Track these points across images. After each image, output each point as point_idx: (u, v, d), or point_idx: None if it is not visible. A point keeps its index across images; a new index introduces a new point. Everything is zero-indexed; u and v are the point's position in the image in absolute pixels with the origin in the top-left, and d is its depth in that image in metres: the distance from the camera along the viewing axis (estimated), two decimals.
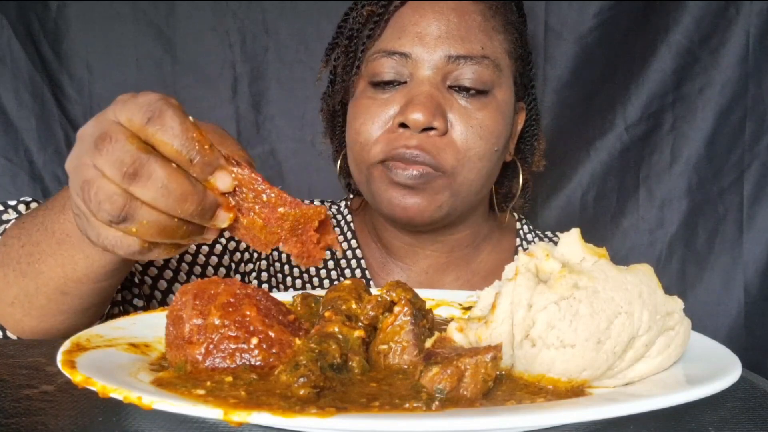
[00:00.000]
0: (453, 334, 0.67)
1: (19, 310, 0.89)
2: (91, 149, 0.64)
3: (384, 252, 1.34)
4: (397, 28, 1.17)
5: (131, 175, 0.62)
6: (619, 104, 1.77)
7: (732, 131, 1.75)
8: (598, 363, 0.61)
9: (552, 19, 1.73)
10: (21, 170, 1.75)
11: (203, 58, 1.78)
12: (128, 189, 0.63)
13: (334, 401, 0.55)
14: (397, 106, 1.15)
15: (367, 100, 1.18)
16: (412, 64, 1.14)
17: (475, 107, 1.15)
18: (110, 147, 0.62)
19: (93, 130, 0.65)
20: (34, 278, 0.86)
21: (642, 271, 0.65)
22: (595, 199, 1.81)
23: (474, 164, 1.16)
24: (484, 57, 1.15)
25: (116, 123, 0.65)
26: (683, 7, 1.72)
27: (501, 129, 1.19)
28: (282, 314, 0.66)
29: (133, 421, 0.58)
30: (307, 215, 0.67)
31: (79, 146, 0.67)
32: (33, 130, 1.74)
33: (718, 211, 1.78)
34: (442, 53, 1.14)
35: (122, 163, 0.62)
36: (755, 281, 1.77)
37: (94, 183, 0.63)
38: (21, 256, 0.86)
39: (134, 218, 0.64)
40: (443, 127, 1.13)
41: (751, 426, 0.59)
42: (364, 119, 1.17)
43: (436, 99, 1.13)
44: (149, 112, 0.63)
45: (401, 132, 1.13)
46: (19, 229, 0.89)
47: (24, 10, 1.72)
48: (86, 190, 0.64)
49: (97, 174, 0.63)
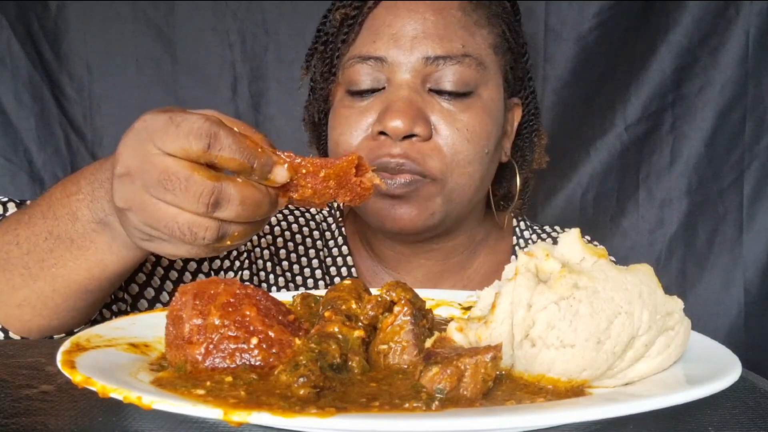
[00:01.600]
0: (453, 334, 0.67)
1: (29, 311, 0.89)
2: (157, 187, 0.69)
3: (375, 261, 1.28)
4: (371, 31, 1.11)
5: (214, 204, 0.69)
6: (619, 104, 1.77)
7: (732, 131, 1.76)
8: (598, 363, 0.61)
9: (552, 19, 1.73)
10: (20, 170, 1.75)
11: (203, 58, 1.78)
12: (213, 215, 0.70)
13: (334, 401, 0.55)
14: (376, 114, 1.09)
15: (345, 110, 1.13)
16: (389, 69, 1.09)
17: (458, 109, 1.09)
18: (183, 185, 0.68)
19: (141, 165, 0.70)
20: (50, 281, 0.87)
21: (642, 271, 0.65)
22: (594, 199, 1.81)
23: (463, 169, 1.10)
24: (466, 56, 1.09)
25: (172, 158, 0.69)
26: (683, 7, 1.72)
27: (489, 130, 1.12)
28: (282, 314, 0.66)
29: (132, 421, 0.58)
30: (343, 168, 0.75)
31: (125, 182, 0.72)
32: (32, 130, 1.74)
33: (718, 211, 1.78)
34: (419, 54, 1.08)
35: (202, 196, 0.68)
36: (755, 281, 1.77)
37: (179, 219, 0.70)
38: (29, 263, 0.87)
39: (227, 235, 0.73)
40: (426, 132, 1.07)
41: (751, 426, 0.59)
42: (342, 129, 1.12)
43: (416, 104, 1.07)
44: (205, 138, 0.68)
45: (382, 140, 1.07)
46: (13, 236, 0.89)
47: (24, 10, 1.72)
48: (173, 227, 0.70)
49: (177, 211, 0.70)
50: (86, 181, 0.85)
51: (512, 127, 1.26)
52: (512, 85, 1.22)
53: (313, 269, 1.27)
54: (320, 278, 1.26)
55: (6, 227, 0.91)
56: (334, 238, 1.31)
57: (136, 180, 0.71)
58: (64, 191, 0.87)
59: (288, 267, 1.25)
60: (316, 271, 1.27)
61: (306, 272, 1.27)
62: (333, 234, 1.32)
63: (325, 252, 1.28)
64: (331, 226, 1.32)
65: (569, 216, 1.80)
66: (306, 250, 1.28)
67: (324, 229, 1.32)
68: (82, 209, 0.84)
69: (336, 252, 1.29)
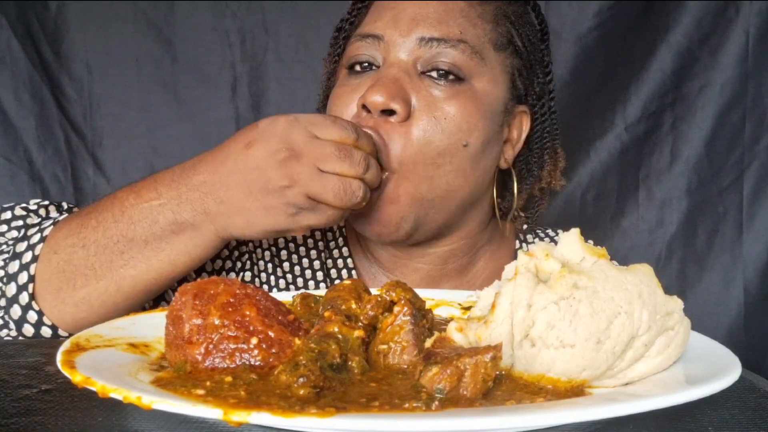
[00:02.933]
0: (453, 334, 0.67)
1: (85, 309, 0.96)
2: (329, 159, 0.93)
3: (374, 263, 1.26)
4: (375, 12, 1.14)
5: (366, 167, 0.95)
6: (618, 104, 1.77)
7: (731, 131, 1.76)
8: (597, 363, 0.61)
9: (552, 19, 1.73)
10: (20, 170, 1.75)
11: (203, 58, 1.78)
12: (365, 177, 0.96)
13: (334, 401, 0.55)
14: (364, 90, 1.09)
15: (340, 88, 1.13)
16: (385, 48, 1.10)
17: (445, 95, 1.06)
18: (350, 155, 0.94)
19: (309, 147, 0.93)
20: (117, 281, 0.95)
21: (642, 271, 0.65)
22: (594, 198, 1.81)
23: (432, 160, 1.05)
24: (462, 41, 1.07)
25: (332, 142, 0.94)
26: (683, 7, 1.72)
27: (475, 122, 1.07)
28: (282, 314, 0.66)
29: (132, 421, 0.58)
30: None
31: (290, 163, 0.92)
32: (32, 130, 1.74)
33: (718, 211, 1.78)
34: (415, 36, 1.08)
35: (361, 162, 0.95)
36: (755, 281, 1.77)
37: (344, 182, 0.93)
38: (95, 264, 0.95)
39: (366, 197, 0.98)
40: (403, 111, 1.04)
41: (750, 426, 0.59)
42: (335, 107, 1.12)
43: (401, 82, 1.06)
44: (354, 132, 0.97)
45: (364, 116, 1.06)
46: (78, 239, 0.96)
47: (24, 10, 1.72)
48: (338, 188, 0.93)
49: (339, 178, 0.93)
50: (166, 187, 0.96)
51: (519, 135, 1.21)
52: (521, 91, 1.19)
53: (315, 270, 1.26)
54: (321, 280, 1.26)
55: (67, 230, 0.97)
56: (335, 239, 1.30)
57: (303, 158, 0.91)
58: (139, 197, 0.96)
59: (289, 268, 1.25)
60: (318, 273, 1.26)
61: (307, 273, 1.26)
62: (334, 235, 1.30)
63: (326, 253, 1.28)
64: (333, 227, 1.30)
65: (569, 216, 1.80)
66: (307, 251, 1.27)
67: (325, 230, 1.31)
68: (164, 212, 0.95)
69: (337, 254, 1.28)
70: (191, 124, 1.79)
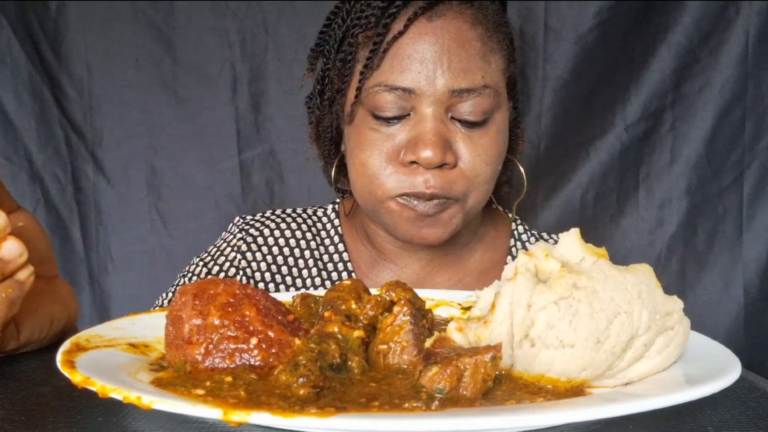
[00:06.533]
0: (452, 334, 0.67)
1: None
2: None
3: (375, 253, 1.35)
4: (398, 60, 1.15)
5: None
6: (618, 104, 1.77)
7: (731, 131, 1.75)
8: (597, 363, 0.61)
9: (552, 19, 1.73)
10: (21, 170, 1.75)
11: (203, 58, 1.78)
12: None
13: (334, 401, 0.55)
14: (403, 139, 1.16)
15: (371, 132, 1.18)
16: (416, 99, 1.15)
17: (477, 135, 1.18)
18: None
19: None
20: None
21: (641, 271, 0.65)
22: (594, 199, 1.81)
23: (482, 188, 1.20)
24: (485, 87, 1.16)
25: None
26: (683, 7, 1.72)
27: (502, 149, 1.23)
28: (281, 314, 0.66)
29: (132, 421, 0.58)
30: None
31: None
32: (32, 130, 1.74)
33: (718, 211, 1.78)
34: (444, 87, 1.14)
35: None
36: (755, 281, 1.76)
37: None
38: None
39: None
40: (453, 161, 1.16)
41: (750, 426, 0.59)
42: (371, 152, 1.17)
43: (443, 135, 1.14)
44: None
45: (414, 168, 1.15)
46: None
47: (24, 10, 1.72)
48: None
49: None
50: None
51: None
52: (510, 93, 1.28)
53: (310, 269, 1.32)
54: (316, 275, 1.32)
55: None
56: (330, 236, 1.36)
57: None
58: None
59: (287, 272, 1.31)
60: (312, 269, 1.32)
61: (304, 273, 1.32)
62: (329, 233, 1.37)
63: (321, 250, 1.33)
64: (326, 226, 1.38)
65: (569, 216, 1.80)
66: (302, 252, 1.34)
67: (319, 229, 1.38)
68: None
69: (332, 249, 1.34)
70: (191, 124, 1.79)
